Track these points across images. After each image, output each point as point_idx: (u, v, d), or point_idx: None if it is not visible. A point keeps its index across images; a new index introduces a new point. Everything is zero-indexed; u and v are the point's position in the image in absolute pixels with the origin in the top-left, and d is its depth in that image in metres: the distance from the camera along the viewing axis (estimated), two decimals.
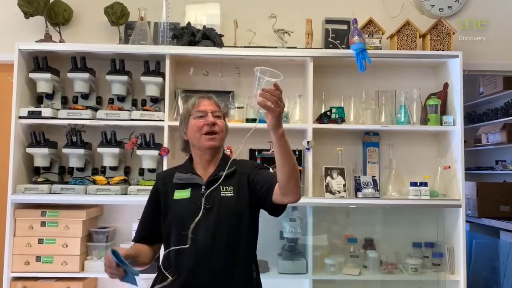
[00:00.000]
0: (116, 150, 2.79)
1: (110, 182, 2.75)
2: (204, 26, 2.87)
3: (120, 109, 2.81)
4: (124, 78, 2.84)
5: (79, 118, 2.75)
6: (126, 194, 2.73)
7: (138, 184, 2.80)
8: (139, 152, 2.80)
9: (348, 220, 3.06)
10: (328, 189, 2.83)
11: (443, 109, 2.95)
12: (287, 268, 2.78)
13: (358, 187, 2.83)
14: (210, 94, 1.83)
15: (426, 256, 2.92)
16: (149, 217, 1.80)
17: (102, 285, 2.87)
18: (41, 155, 2.77)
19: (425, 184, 2.82)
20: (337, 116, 2.88)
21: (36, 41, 2.83)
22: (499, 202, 4.16)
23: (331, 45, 2.94)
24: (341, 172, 2.88)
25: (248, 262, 1.71)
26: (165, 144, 2.74)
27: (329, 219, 3.00)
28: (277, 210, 1.72)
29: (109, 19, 2.93)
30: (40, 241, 2.66)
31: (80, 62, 2.82)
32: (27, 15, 2.87)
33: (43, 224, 2.68)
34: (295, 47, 2.91)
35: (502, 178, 4.99)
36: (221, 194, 1.68)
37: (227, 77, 3.02)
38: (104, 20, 2.96)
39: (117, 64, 2.84)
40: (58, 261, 2.65)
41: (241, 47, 2.87)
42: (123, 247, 1.66)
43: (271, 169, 2.89)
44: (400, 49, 2.91)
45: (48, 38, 2.89)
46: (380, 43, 2.94)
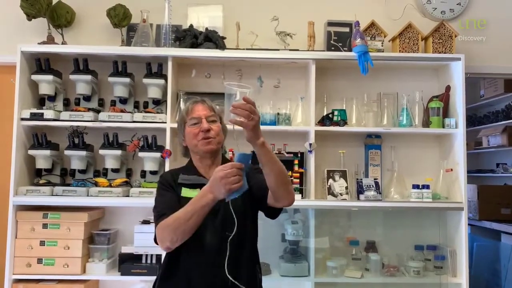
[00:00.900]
0: (118, 152, 2.79)
1: (112, 184, 2.75)
2: (206, 29, 2.87)
3: (122, 111, 2.81)
4: (127, 80, 2.84)
5: (81, 120, 2.74)
6: (128, 196, 2.73)
7: (140, 186, 2.80)
8: (141, 154, 2.79)
9: (350, 223, 3.05)
10: (330, 192, 2.83)
11: (445, 112, 2.95)
12: (289, 271, 2.77)
13: (360, 190, 2.83)
14: (204, 98, 1.83)
15: (428, 259, 2.91)
16: (175, 202, 1.67)
17: None
18: (43, 157, 2.77)
19: (427, 187, 2.82)
20: (339, 119, 2.88)
21: (39, 43, 2.83)
22: (500, 205, 4.16)
23: (333, 48, 2.94)
24: (343, 175, 2.88)
25: (253, 263, 1.72)
26: (167, 146, 2.74)
27: (331, 222, 3.00)
28: (273, 213, 1.75)
29: (112, 21, 2.93)
30: (42, 243, 2.66)
31: (82, 64, 2.83)
32: (30, 17, 2.87)
33: (45, 226, 2.67)
34: (297, 50, 2.91)
35: (503, 181, 4.98)
36: None
37: (229, 80, 3.00)
38: (107, 22, 2.96)
39: (119, 66, 2.84)
40: (60, 263, 2.65)
41: (243, 50, 2.87)
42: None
43: None
44: (402, 52, 2.91)
45: (51, 40, 2.89)
46: (382, 46, 2.94)
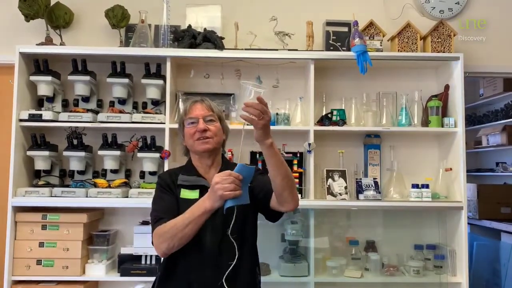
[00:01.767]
0: (117, 153, 2.79)
1: (111, 185, 2.75)
2: (205, 29, 2.87)
3: (121, 112, 2.81)
4: (125, 81, 2.84)
5: (80, 121, 2.74)
6: (127, 197, 2.72)
7: (139, 187, 2.79)
8: (140, 155, 2.79)
9: (350, 223, 3.05)
10: (330, 192, 2.82)
11: (444, 111, 2.95)
12: (289, 271, 2.77)
13: (360, 189, 2.83)
14: (204, 97, 1.82)
15: (428, 258, 2.91)
16: (173, 205, 1.68)
17: None
18: (42, 158, 2.77)
19: (427, 186, 2.81)
20: (338, 118, 2.87)
21: (37, 44, 2.82)
22: (500, 204, 4.16)
23: (332, 47, 2.94)
24: (343, 174, 2.87)
25: (253, 265, 1.72)
26: (166, 147, 2.73)
27: (331, 222, 3.00)
28: (274, 216, 1.74)
29: (110, 22, 2.93)
30: (41, 245, 2.65)
31: (81, 65, 2.82)
32: (28, 18, 2.87)
33: (44, 228, 2.67)
34: (296, 50, 2.90)
35: (503, 180, 4.99)
36: None
37: (228, 80, 3.02)
38: (105, 23, 2.96)
39: (118, 67, 2.84)
40: (59, 265, 2.64)
41: (242, 50, 2.87)
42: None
43: None
44: (401, 51, 2.91)
45: (49, 41, 2.88)
46: (381, 45, 2.94)
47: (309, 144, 2.79)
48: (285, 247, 2.89)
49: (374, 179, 2.89)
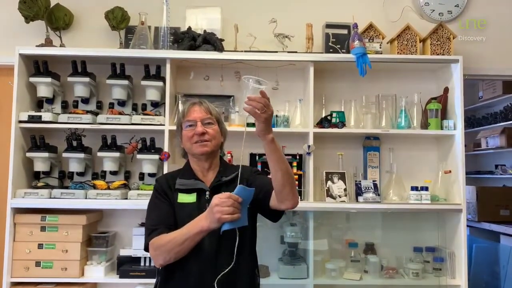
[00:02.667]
0: (116, 155, 2.79)
1: (110, 187, 2.74)
2: (205, 31, 2.87)
3: (121, 114, 2.81)
4: (125, 82, 2.84)
5: (79, 123, 2.74)
6: (126, 199, 2.72)
7: (139, 189, 2.79)
8: (140, 157, 2.79)
9: (349, 225, 3.05)
10: (329, 194, 2.82)
11: (444, 114, 2.95)
12: (288, 273, 2.77)
13: (359, 192, 2.83)
14: (202, 99, 1.81)
15: (427, 261, 2.91)
16: (168, 214, 1.69)
17: None
18: (41, 160, 2.77)
19: (426, 189, 2.81)
20: (338, 121, 2.87)
21: (37, 46, 2.82)
22: (499, 206, 4.16)
23: (332, 50, 2.94)
24: (342, 177, 2.87)
25: (252, 267, 1.72)
26: (166, 149, 2.73)
27: (330, 224, 3.00)
28: (275, 216, 1.74)
29: (110, 24, 2.93)
30: (40, 246, 2.65)
31: (81, 67, 2.82)
32: (28, 20, 2.87)
33: (43, 229, 2.66)
34: (296, 52, 2.91)
35: (502, 182, 4.99)
36: None
37: (228, 82, 3.02)
38: (105, 25, 2.96)
39: (118, 69, 2.84)
40: (58, 266, 2.64)
41: (242, 52, 2.87)
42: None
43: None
44: (401, 54, 2.91)
45: (49, 43, 2.88)
46: (381, 48, 2.94)
47: (309, 146, 2.79)
48: (285, 249, 2.89)
49: (374, 182, 2.89)
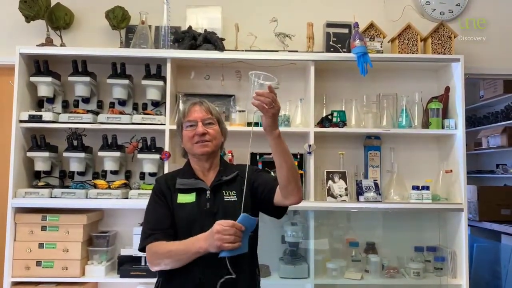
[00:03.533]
0: (117, 154, 2.78)
1: (111, 186, 2.74)
2: (205, 30, 2.86)
3: (121, 113, 2.81)
4: (125, 82, 2.84)
5: (80, 122, 2.73)
6: (127, 198, 2.72)
7: (139, 188, 2.79)
8: (140, 156, 2.79)
9: (350, 224, 3.05)
10: (330, 193, 2.82)
11: (445, 113, 2.94)
12: (289, 273, 2.77)
13: (360, 191, 2.82)
14: (203, 99, 1.81)
15: (428, 260, 2.90)
16: (164, 217, 1.70)
17: None
18: (42, 159, 2.76)
19: (427, 188, 2.81)
20: (339, 120, 2.87)
21: (37, 45, 2.82)
22: (500, 206, 4.15)
23: (332, 49, 2.93)
24: (343, 176, 2.87)
25: (253, 267, 1.72)
26: (166, 148, 2.73)
27: (331, 223, 2.99)
28: (279, 212, 1.74)
29: (110, 23, 2.93)
30: (41, 246, 2.65)
31: (81, 66, 2.82)
32: (28, 19, 2.87)
33: (44, 229, 2.66)
34: (296, 51, 2.90)
35: (503, 182, 4.98)
36: (225, 199, 1.70)
37: (228, 81, 3.02)
38: (105, 24, 2.96)
39: (118, 68, 2.83)
40: (59, 266, 2.64)
41: (242, 51, 2.87)
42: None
43: (272, 173, 2.88)
44: (402, 53, 2.91)
45: (49, 42, 2.88)
46: (382, 47, 2.93)
47: (309, 146, 2.79)
48: (285, 249, 2.88)
49: (375, 181, 2.88)
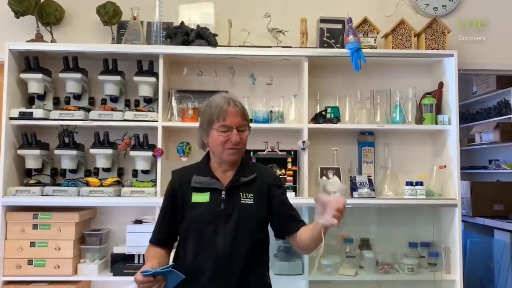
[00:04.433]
0: (109, 151, 2.76)
1: (103, 184, 2.72)
2: (198, 26, 2.84)
3: (113, 110, 2.78)
4: (117, 78, 2.81)
5: (71, 119, 2.70)
6: (120, 196, 2.69)
7: (132, 186, 2.77)
8: (133, 153, 2.76)
9: (344, 220, 2.99)
10: (324, 189, 2.80)
11: (438, 108, 2.94)
12: (283, 269, 2.76)
13: (354, 187, 2.82)
14: (235, 99, 1.68)
15: (422, 256, 2.91)
16: (167, 219, 1.73)
17: None
18: (33, 157, 2.73)
19: (421, 184, 2.81)
20: (332, 116, 2.86)
21: (27, 41, 2.79)
22: (493, 201, 4.17)
23: (326, 45, 2.92)
24: (337, 172, 2.86)
25: (263, 268, 1.72)
26: (159, 145, 2.71)
27: None
28: (280, 236, 1.79)
29: (102, 19, 2.90)
30: (32, 244, 2.62)
31: (72, 62, 2.79)
32: (18, 15, 2.83)
33: (35, 227, 2.64)
34: (290, 47, 2.89)
35: (496, 177, 5.00)
36: (241, 201, 1.66)
37: (222, 77, 3.00)
38: (96, 20, 2.92)
39: (110, 64, 2.81)
40: (51, 265, 2.61)
41: (236, 47, 2.85)
42: (147, 264, 1.61)
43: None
44: (395, 48, 2.90)
45: (39, 38, 2.85)
46: (375, 42, 2.93)
47: (303, 142, 2.77)
48: (280, 245, 2.87)
49: (368, 177, 2.88)
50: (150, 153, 2.74)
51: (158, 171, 2.70)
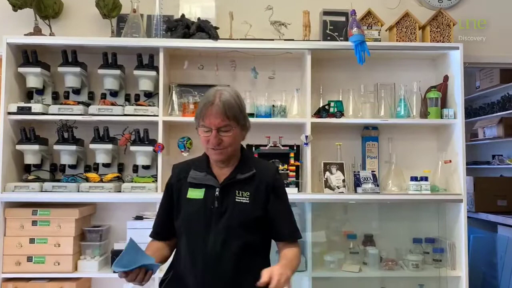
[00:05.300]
0: (109, 147, 2.72)
1: (103, 180, 2.69)
2: (199, 18, 2.79)
3: (113, 104, 2.74)
4: (117, 72, 2.77)
5: (71, 114, 2.67)
6: (120, 192, 2.66)
7: (132, 181, 2.73)
8: (133, 148, 2.73)
9: (347, 216, 3.01)
10: (327, 185, 2.77)
11: (443, 102, 2.90)
12: None
13: (358, 183, 2.78)
14: (222, 96, 1.57)
15: (427, 252, 2.88)
16: (164, 213, 1.73)
17: (96, 286, 2.81)
18: (32, 152, 2.70)
19: (426, 179, 2.77)
20: (336, 110, 2.82)
21: (25, 35, 2.75)
22: (497, 197, 4.14)
23: (329, 37, 2.88)
24: (340, 167, 2.83)
25: (259, 270, 1.61)
26: (160, 140, 2.67)
27: (328, 215, 2.95)
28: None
29: (101, 12, 2.86)
30: (32, 241, 2.59)
31: (71, 56, 2.75)
32: (16, 8, 2.78)
33: (35, 223, 2.61)
34: (292, 40, 2.85)
35: (499, 173, 4.98)
36: (236, 200, 1.61)
37: (223, 71, 2.95)
38: (96, 13, 2.88)
39: (109, 58, 2.77)
40: (50, 261, 2.58)
41: (237, 40, 2.80)
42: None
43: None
44: (400, 41, 2.86)
45: (38, 31, 2.81)
46: (379, 35, 2.88)
47: (306, 137, 2.74)
48: None
49: (372, 172, 2.84)
50: (151, 148, 2.70)
51: (159, 167, 2.67)
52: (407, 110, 2.87)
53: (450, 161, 2.84)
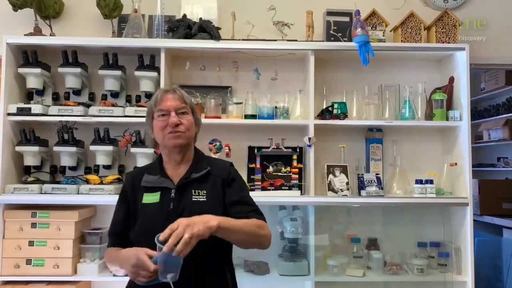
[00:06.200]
0: (110, 148, 2.70)
1: (104, 182, 2.66)
2: (201, 19, 2.77)
3: (114, 105, 2.71)
4: (118, 73, 2.74)
5: (71, 115, 2.64)
6: None
7: None
8: (134, 150, 2.70)
9: (351, 219, 2.97)
10: (331, 188, 2.73)
11: (449, 104, 2.86)
12: (288, 270, 2.69)
13: (362, 185, 2.74)
14: (175, 86, 1.69)
15: (432, 256, 2.83)
16: (121, 221, 1.67)
17: None
18: (31, 154, 2.67)
19: (431, 182, 2.73)
20: (339, 112, 2.79)
21: (25, 35, 2.73)
22: (502, 200, 4.11)
23: (333, 38, 2.84)
24: (344, 170, 2.79)
25: (221, 266, 1.62)
26: None
27: (331, 219, 2.92)
28: None
29: (102, 12, 2.84)
30: (31, 243, 2.56)
31: (72, 57, 2.73)
32: (16, 8, 2.76)
33: (34, 226, 2.58)
34: (295, 40, 2.81)
35: (504, 175, 4.94)
36: (193, 199, 1.59)
37: (225, 72, 2.92)
38: (97, 13, 2.86)
39: (110, 59, 2.74)
40: (50, 264, 2.55)
41: (239, 40, 2.77)
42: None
43: (271, 167, 2.80)
44: (404, 42, 2.82)
45: (38, 32, 2.79)
46: (384, 36, 2.85)
47: (309, 139, 2.70)
48: (285, 245, 2.81)
49: (377, 175, 2.80)
50: (152, 150, 2.67)
51: None
52: (412, 112, 2.83)
53: (456, 164, 2.80)
